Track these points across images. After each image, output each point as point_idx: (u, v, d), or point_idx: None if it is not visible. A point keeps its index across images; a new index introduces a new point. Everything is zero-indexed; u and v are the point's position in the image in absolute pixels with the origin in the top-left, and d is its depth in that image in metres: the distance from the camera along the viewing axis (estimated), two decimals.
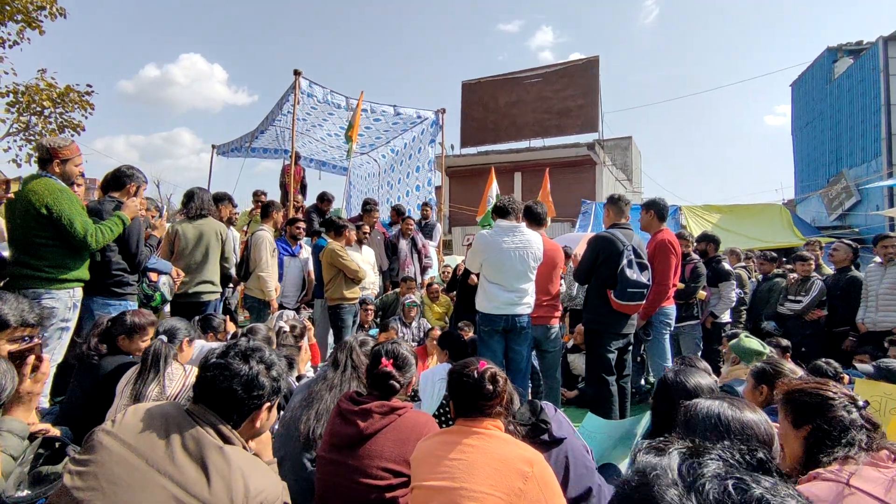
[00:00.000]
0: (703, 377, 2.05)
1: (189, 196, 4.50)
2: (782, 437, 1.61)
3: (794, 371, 2.28)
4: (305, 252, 6.04)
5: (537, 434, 2.07)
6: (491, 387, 1.78)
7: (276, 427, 2.51)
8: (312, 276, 6.00)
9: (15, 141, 10.61)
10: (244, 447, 1.46)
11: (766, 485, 0.56)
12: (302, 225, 5.98)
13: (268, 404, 1.52)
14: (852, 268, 5.63)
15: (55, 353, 3.17)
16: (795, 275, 6.03)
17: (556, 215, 9.57)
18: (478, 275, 5.49)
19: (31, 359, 1.77)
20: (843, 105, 15.94)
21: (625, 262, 3.83)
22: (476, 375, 1.80)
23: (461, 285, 5.92)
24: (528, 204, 4.13)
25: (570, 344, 5.69)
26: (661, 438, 0.72)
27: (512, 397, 1.98)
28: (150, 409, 1.42)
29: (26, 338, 1.95)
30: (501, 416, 1.84)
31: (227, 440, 1.40)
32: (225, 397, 1.44)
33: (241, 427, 1.47)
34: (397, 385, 2.15)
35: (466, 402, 1.82)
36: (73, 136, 10.68)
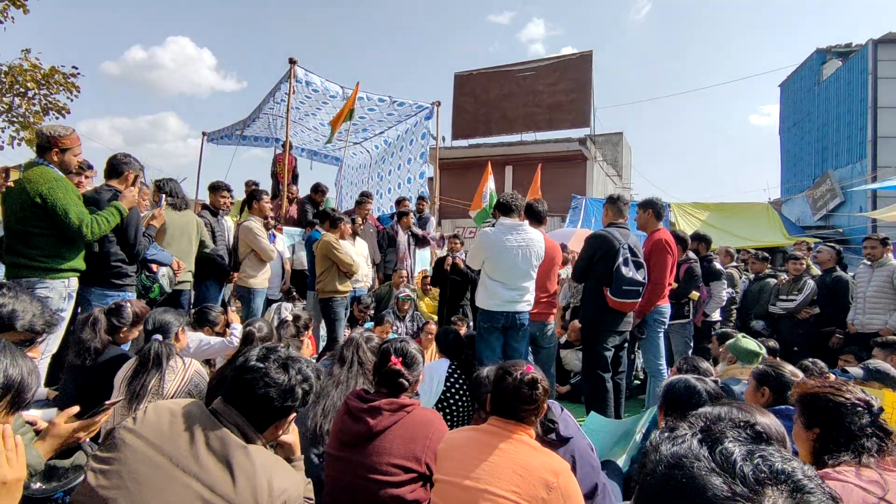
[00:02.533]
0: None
1: (171, 187, 4.45)
2: (795, 436, 1.66)
3: (794, 374, 2.33)
4: (280, 242, 6.13)
5: (545, 433, 2.10)
6: (530, 392, 1.81)
7: None
8: (289, 265, 6.17)
9: None
10: (265, 446, 1.46)
11: (778, 456, 0.62)
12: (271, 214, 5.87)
13: (294, 414, 1.54)
14: (837, 268, 5.75)
15: (49, 343, 3.12)
16: (785, 275, 6.14)
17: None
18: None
19: None
20: (831, 107, 16.10)
21: (621, 260, 3.87)
22: (519, 379, 1.83)
23: (455, 281, 5.94)
24: (529, 202, 4.14)
25: (562, 339, 5.74)
26: (669, 425, 0.76)
27: None
28: (172, 407, 1.42)
29: (26, 342, 1.89)
30: (534, 423, 1.86)
31: (249, 440, 1.40)
32: (259, 403, 1.45)
33: (265, 431, 1.48)
34: (406, 383, 2.16)
35: (505, 404, 1.84)
36: (57, 118, 10.43)
